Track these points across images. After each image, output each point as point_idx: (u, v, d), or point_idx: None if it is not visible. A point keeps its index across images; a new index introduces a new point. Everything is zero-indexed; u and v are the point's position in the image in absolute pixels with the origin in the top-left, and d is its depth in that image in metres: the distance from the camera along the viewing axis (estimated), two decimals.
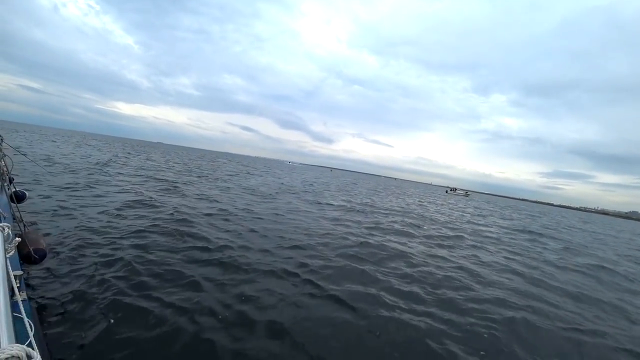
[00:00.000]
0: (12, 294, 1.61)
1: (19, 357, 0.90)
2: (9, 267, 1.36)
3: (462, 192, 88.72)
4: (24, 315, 1.42)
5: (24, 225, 4.35)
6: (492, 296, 6.56)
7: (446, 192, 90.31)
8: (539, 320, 5.74)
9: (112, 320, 3.99)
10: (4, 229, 1.62)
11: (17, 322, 1.53)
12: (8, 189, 5.32)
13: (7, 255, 1.50)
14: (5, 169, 5.81)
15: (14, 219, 4.36)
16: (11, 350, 0.88)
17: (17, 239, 1.70)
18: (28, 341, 1.41)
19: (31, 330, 1.43)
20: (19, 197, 5.45)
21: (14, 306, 1.50)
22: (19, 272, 2.34)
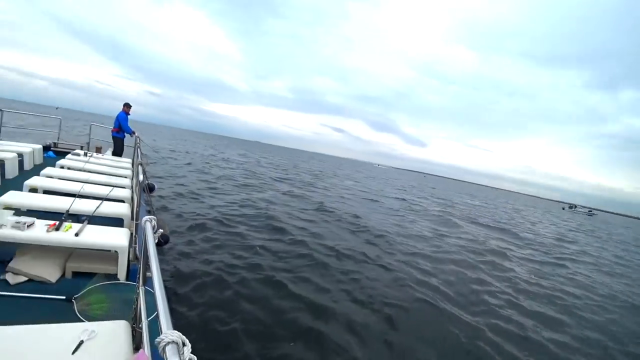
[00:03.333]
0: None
1: (177, 343, 0.99)
2: (156, 255, 1.54)
3: (583, 210, 76.50)
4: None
5: (154, 213, 5.06)
6: None
7: (563, 209, 78.90)
8: None
9: (227, 298, 4.73)
10: (151, 221, 1.87)
11: (148, 296, 1.75)
12: (144, 181, 6.28)
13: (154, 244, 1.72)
14: (143, 165, 6.87)
15: (147, 209, 5.11)
16: (172, 336, 0.99)
17: (160, 231, 1.94)
18: (154, 315, 1.60)
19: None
20: (150, 189, 6.39)
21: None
22: None
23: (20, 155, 6.17)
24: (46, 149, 8.44)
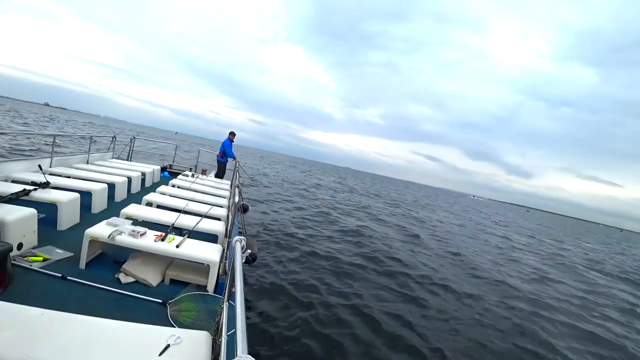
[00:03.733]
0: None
1: None
2: (242, 274, 1.62)
3: None
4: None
5: (245, 232, 5.41)
6: None
7: None
8: None
9: (309, 321, 4.77)
10: (241, 241, 1.99)
11: (230, 310, 1.82)
12: (239, 202, 6.81)
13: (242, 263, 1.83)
14: (240, 188, 7.51)
15: (239, 227, 5.50)
16: None
17: (248, 250, 2.07)
18: (233, 331, 1.67)
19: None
20: (244, 209, 6.90)
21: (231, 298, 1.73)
22: None
23: (143, 174, 7.27)
24: (163, 169, 9.82)
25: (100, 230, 3.14)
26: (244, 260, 2.21)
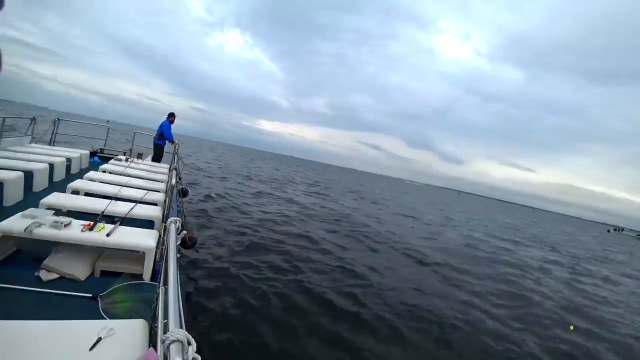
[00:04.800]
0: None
1: (181, 342, 1.03)
2: (176, 255, 1.60)
3: (632, 233, 71.38)
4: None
5: (184, 216, 5.22)
6: None
7: (608, 231, 74.22)
8: None
9: (238, 299, 4.92)
10: (176, 222, 1.92)
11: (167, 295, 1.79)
12: (177, 186, 6.50)
13: (176, 244, 1.78)
14: (179, 170, 7.16)
15: (178, 211, 5.28)
16: (177, 335, 1.03)
17: (183, 231, 2.02)
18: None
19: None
20: (183, 193, 6.64)
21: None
22: (177, 256, 2.80)
23: (68, 160, 6.57)
24: (93, 154, 8.92)
25: (14, 223, 2.77)
26: (179, 242, 2.16)
